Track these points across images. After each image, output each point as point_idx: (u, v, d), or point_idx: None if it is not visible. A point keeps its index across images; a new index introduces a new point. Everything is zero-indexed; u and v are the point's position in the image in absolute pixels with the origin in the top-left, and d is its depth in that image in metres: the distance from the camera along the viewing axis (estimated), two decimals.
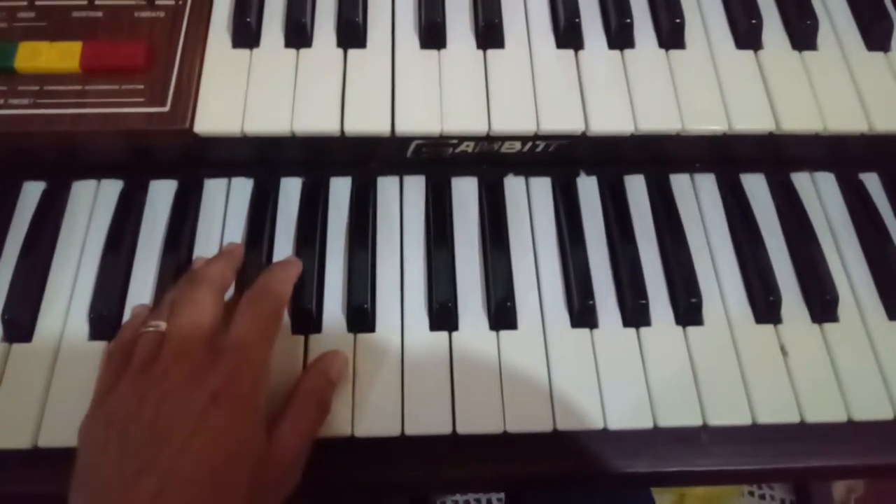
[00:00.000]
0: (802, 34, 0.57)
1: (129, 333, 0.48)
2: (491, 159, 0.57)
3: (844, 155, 0.59)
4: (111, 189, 0.57)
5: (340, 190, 0.57)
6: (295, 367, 0.49)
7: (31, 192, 0.56)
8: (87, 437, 0.42)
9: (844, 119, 0.54)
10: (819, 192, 0.59)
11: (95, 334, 0.51)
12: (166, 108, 0.50)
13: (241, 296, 0.47)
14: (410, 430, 0.47)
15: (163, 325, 0.45)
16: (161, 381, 0.41)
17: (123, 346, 0.47)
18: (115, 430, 0.40)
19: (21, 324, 0.50)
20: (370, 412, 0.48)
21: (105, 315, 0.51)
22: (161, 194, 0.57)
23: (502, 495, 1.29)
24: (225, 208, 0.56)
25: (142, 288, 0.53)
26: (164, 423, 0.40)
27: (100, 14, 0.54)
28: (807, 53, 0.57)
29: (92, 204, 0.56)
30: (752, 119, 0.53)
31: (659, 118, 0.53)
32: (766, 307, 0.52)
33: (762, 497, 1.32)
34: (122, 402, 0.42)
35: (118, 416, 0.41)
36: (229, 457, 0.40)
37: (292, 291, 0.50)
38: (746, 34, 0.57)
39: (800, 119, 0.54)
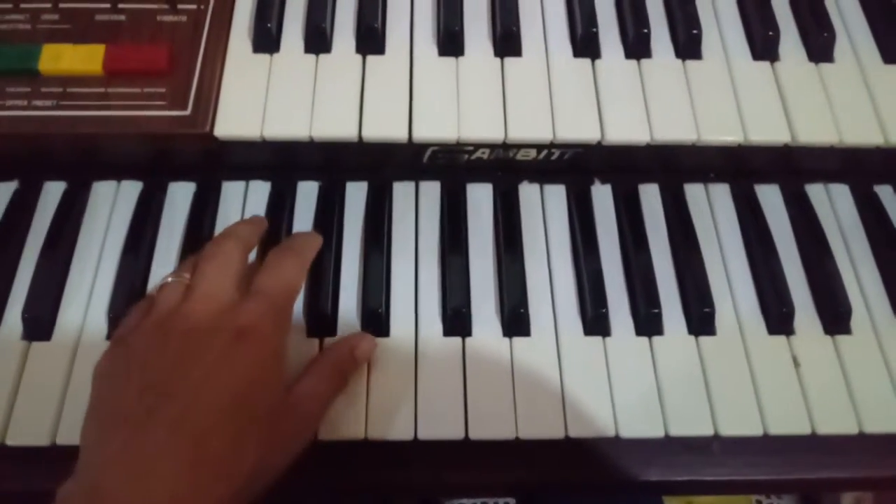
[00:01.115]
0: (819, 46, 0.57)
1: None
2: (506, 166, 0.57)
3: (859, 167, 0.59)
4: (131, 190, 0.57)
5: (356, 195, 0.58)
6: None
7: (52, 192, 0.57)
8: (106, 372, 0.43)
9: (860, 132, 0.54)
10: (833, 204, 0.59)
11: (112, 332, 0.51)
12: (187, 112, 0.51)
13: (264, 260, 0.48)
14: (423, 434, 0.48)
15: (187, 276, 0.46)
16: (186, 320, 0.42)
17: (145, 300, 0.48)
18: (137, 363, 0.41)
19: (41, 322, 0.51)
20: (383, 415, 0.48)
21: (123, 316, 0.51)
22: (179, 196, 0.57)
23: (512, 501, 1.29)
24: (242, 211, 0.57)
25: None
26: (188, 357, 0.40)
27: (123, 17, 0.54)
28: (823, 66, 0.57)
29: (112, 204, 0.57)
30: (767, 130, 0.54)
31: (675, 128, 0.53)
32: (778, 318, 0.52)
33: None
34: (145, 338, 0.42)
35: (140, 351, 0.42)
36: (250, 390, 0.41)
37: (308, 294, 0.52)
38: (763, 46, 0.57)
39: (815, 131, 0.54)
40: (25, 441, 0.48)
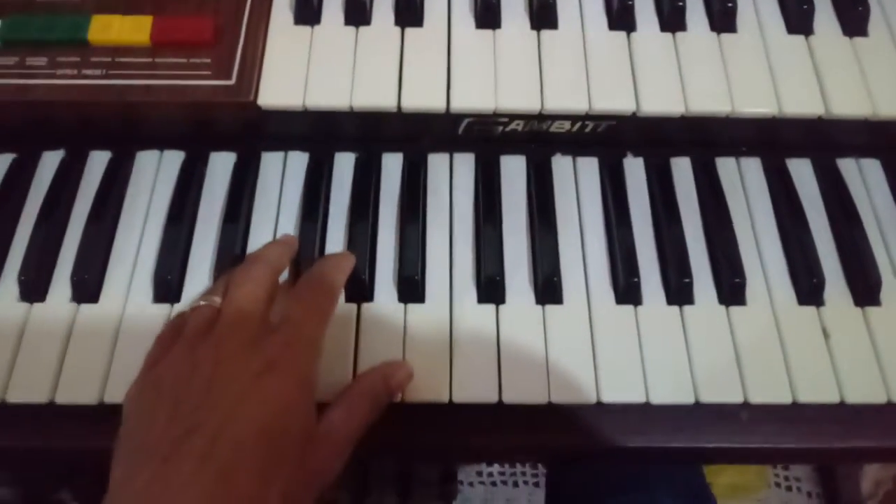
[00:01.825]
0: (854, 20, 0.57)
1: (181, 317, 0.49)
2: (539, 138, 0.58)
3: (891, 141, 0.59)
4: (173, 160, 0.59)
5: (392, 166, 0.59)
6: (347, 334, 0.51)
7: (98, 161, 0.58)
8: (135, 401, 0.43)
9: (894, 104, 0.54)
10: (864, 179, 0.59)
11: (159, 297, 0.53)
12: (232, 82, 0.52)
13: (295, 282, 0.49)
14: (458, 398, 0.49)
15: (217, 299, 0.46)
16: (215, 349, 0.42)
17: (176, 320, 0.48)
18: (166, 393, 0.41)
19: (89, 285, 0.53)
20: (419, 379, 0.49)
21: (168, 279, 0.53)
22: (220, 166, 0.58)
23: (531, 479, 1.30)
24: (281, 181, 0.58)
25: (202, 255, 0.55)
26: (217, 388, 0.40)
27: None
28: (857, 39, 0.57)
29: (155, 173, 0.58)
30: (801, 103, 0.54)
31: (709, 100, 0.54)
32: (809, 289, 0.53)
33: (788, 489, 1.32)
34: (173, 367, 0.42)
35: (168, 380, 0.41)
36: (280, 423, 0.40)
37: None
38: (798, 19, 0.57)
39: (849, 104, 0.54)
40: (74, 399, 0.49)
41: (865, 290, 0.53)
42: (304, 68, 0.54)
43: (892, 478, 1.27)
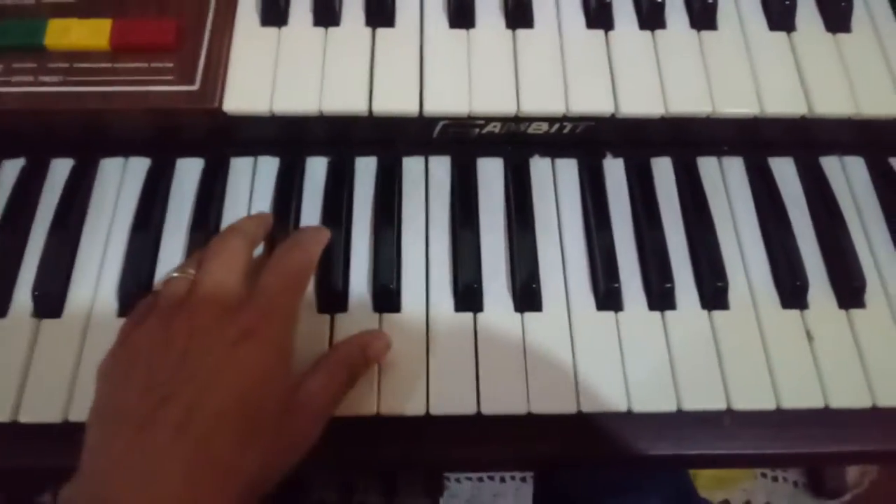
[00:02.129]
0: (836, 16, 0.56)
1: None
2: (517, 140, 0.57)
3: (876, 139, 0.58)
4: (139, 167, 0.57)
5: (366, 170, 0.57)
6: (321, 346, 0.49)
7: (60, 170, 0.56)
8: (109, 372, 0.42)
9: (877, 103, 0.53)
10: (848, 177, 0.58)
11: (124, 310, 0.51)
12: (195, 87, 0.50)
13: (270, 255, 0.48)
14: (435, 410, 0.48)
15: (191, 272, 0.45)
16: (189, 319, 0.41)
17: (149, 298, 0.47)
18: (141, 363, 0.40)
19: (51, 299, 0.51)
20: (395, 391, 0.48)
21: (134, 291, 0.51)
22: (188, 172, 0.57)
23: (518, 474, 1.30)
24: (251, 187, 0.56)
25: (170, 265, 0.53)
26: (192, 357, 0.40)
27: None
28: (841, 36, 0.56)
29: (120, 181, 0.56)
30: (784, 102, 0.53)
31: (689, 100, 0.53)
32: (792, 292, 0.52)
33: (775, 479, 1.33)
34: (148, 337, 0.42)
35: (144, 350, 0.41)
36: (257, 391, 0.40)
37: (319, 270, 0.51)
38: (780, 15, 0.56)
39: (832, 102, 0.53)
40: (38, 418, 0.48)
41: (850, 292, 0.53)
42: (272, 72, 0.52)
43: (876, 468, 1.28)
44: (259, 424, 0.40)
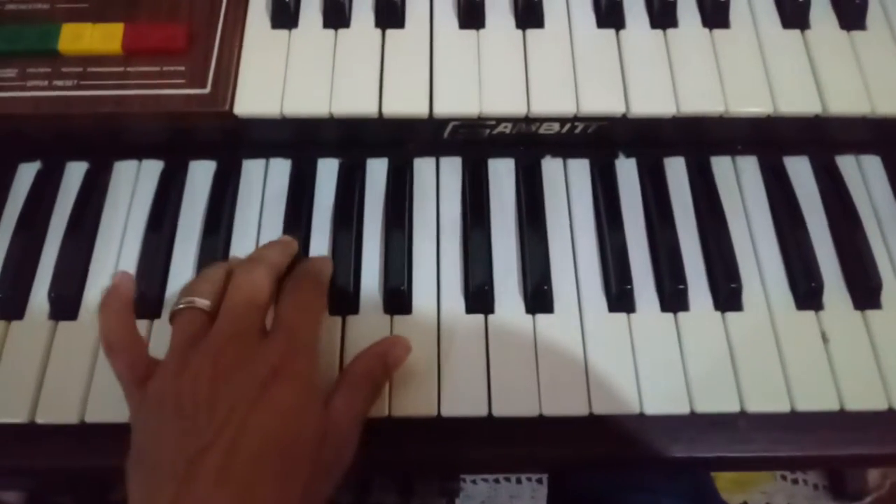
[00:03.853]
0: (851, 13, 0.55)
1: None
2: (528, 140, 0.57)
3: (892, 138, 0.57)
4: (152, 169, 0.57)
5: (377, 171, 0.57)
6: (332, 348, 0.50)
7: (75, 172, 0.57)
8: (141, 421, 0.42)
9: (893, 101, 0.52)
10: (864, 176, 0.57)
11: (138, 312, 0.51)
12: (207, 90, 0.51)
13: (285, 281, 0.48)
14: (447, 412, 0.48)
15: (203, 302, 0.45)
16: (215, 359, 0.41)
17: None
18: (171, 410, 0.40)
19: (67, 302, 0.52)
20: (407, 392, 0.48)
21: (148, 294, 0.52)
22: (201, 175, 0.57)
23: (534, 476, 1.30)
24: (263, 189, 0.56)
25: (183, 266, 0.53)
26: (223, 400, 0.39)
27: None
28: (855, 33, 0.55)
29: (133, 184, 0.57)
30: (797, 101, 0.52)
31: (702, 100, 0.52)
32: (807, 293, 0.52)
33: (795, 481, 1.32)
34: (172, 380, 0.41)
35: (170, 396, 0.40)
36: (292, 430, 0.40)
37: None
38: (793, 13, 0.55)
39: (847, 101, 0.52)
40: (55, 419, 0.48)
41: (866, 292, 0.52)
42: (282, 74, 0.52)
43: None
44: (297, 460, 0.40)
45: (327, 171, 0.57)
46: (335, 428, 0.43)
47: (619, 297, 0.51)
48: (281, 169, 0.57)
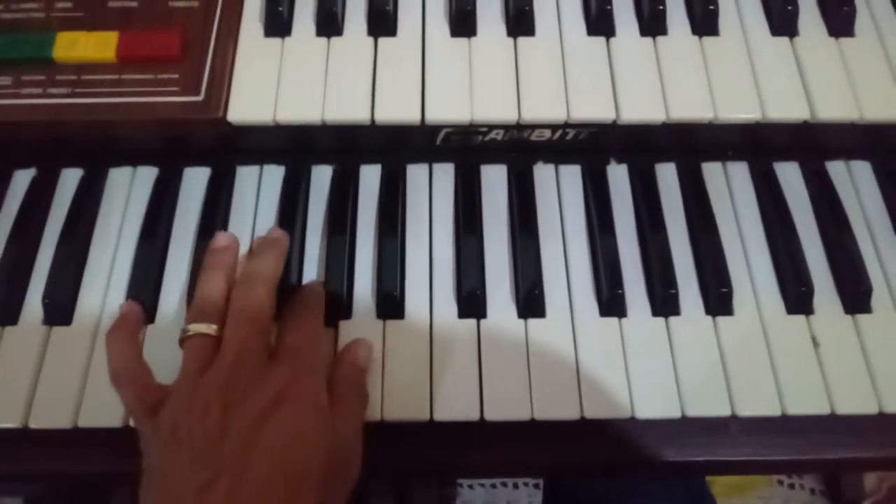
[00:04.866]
0: (840, 20, 0.56)
1: None
2: (520, 147, 0.57)
3: (881, 144, 0.58)
4: (146, 176, 0.58)
5: (370, 177, 0.58)
6: (326, 351, 0.50)
7: (70, 179, 0.57)
8: (153, 449, 0.42)
9: (882, 107, 0.53)
10: (854, 182, 0.58)
11: None
12: (200, 98, 0.51)
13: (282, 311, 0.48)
14: (439, 416, 0.48)
15: (210, 327, 0.45)
16: (224, 390, 0.42)
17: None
18: (181, 441, 0.41)
19: (61, 307, 0.52)
20: (399, 397, 0.48)
21: (142, 300, 0.52)
22: (195, 181, 0.57)
23: (531, 480, 1.30)
24: (257, 195, 0.57)
25: (177, 273, 0.54)
26: (232, 430, 0.40)
27: (135, 4, 0.54)
28: (844, 40, 0.56)
29: (128, 190, 0.57)
30: (786, 107, 0.53)
31: (691, 106, 0.52)
32: (797, 297, 0.52)
33: (791, 486, 1.32)
34: (183, 410, 0.42)
35: (182, 426, 0.41)
36: (299, 454, 0.41)
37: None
38: (782, 20, 0.56)
39: (836, 107, 0.53)
40: (48, 424, 0.48)
41: (856, 297, 0.52)
42: (275, 82, 0.53)
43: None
44: (306, 483, 0.40)
45: (321, 177, 0.58)
46: (342, 444, 0.43)
47: (611, 302, 0.51)
48: (274, 175, 0.58)
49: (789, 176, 0.58)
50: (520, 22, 0.55)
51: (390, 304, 0.51)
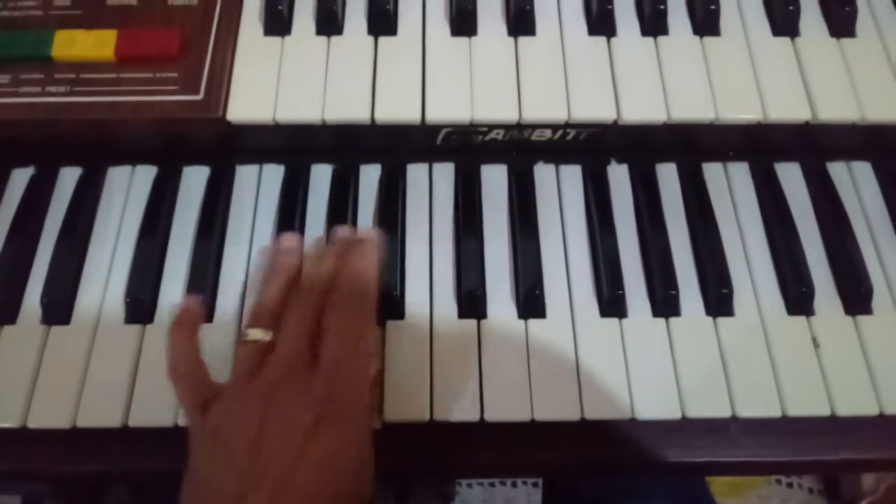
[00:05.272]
0: (841, 21, 0.56)
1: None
2: (521, 147, 0.57)
3: (882, 144, 0.58)
4: (145, 175, 0.57)
5: (370, 177, 0.57)
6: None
7: (68, 178, 0.57)
8: (198, 447, 0.43)
9: (883, 108, 0.53)
10: (855, 182, 0.58)
11: (131, 318, 0.52)
12: (199, 97, 0.51)
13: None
14: (439, 416, 0.48)
15: (260, 333, 0.45)
16: (265, 400, 0.42)
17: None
18: (221, 445, 0.41)
19: (60, 307, 0.52)
20: (399, 397, 0.48)
21: (140, 299, 0.52)
22: (194, 180, 0.57)
23: (530, 479, 1.30)
24: (256, 194, 0.57)
25: (176, 272, 0.54)
26: (267, 446, 0.40)
27: (134, 2, 0.54)
28: (845, 41, 0.56)
29: (127, 189, 0.57)
30: (787, 108, 0.53)
31: (692, 107, 0.53)
32: (798, 298, 0.52)
33: (790, 485, 1.32)
34: (227, 415, 0.42)
35: (224, 431, 0.41)
36: (337, 475, 0.40)
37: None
38: (783, 21, 0.56)
39: (837, 108, 0.53)
40: (46, 424, 0.48)
41: (856, 298, 0.52)
42: (275, 81, 0.52)
43: (894, 472, 1.26)
44: (344, 494, 0.40)
45: (320, 176, 0.57)
46: (369, 460, 0.43)
47: (611, 303, 0.51)
48: (274, 175, 0.57)
49: (790, 176, 0.58)
50: (520, 21, 0.55)
51: (390, 304, 0.51)
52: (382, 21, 0.55)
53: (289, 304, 0.46)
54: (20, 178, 0.57)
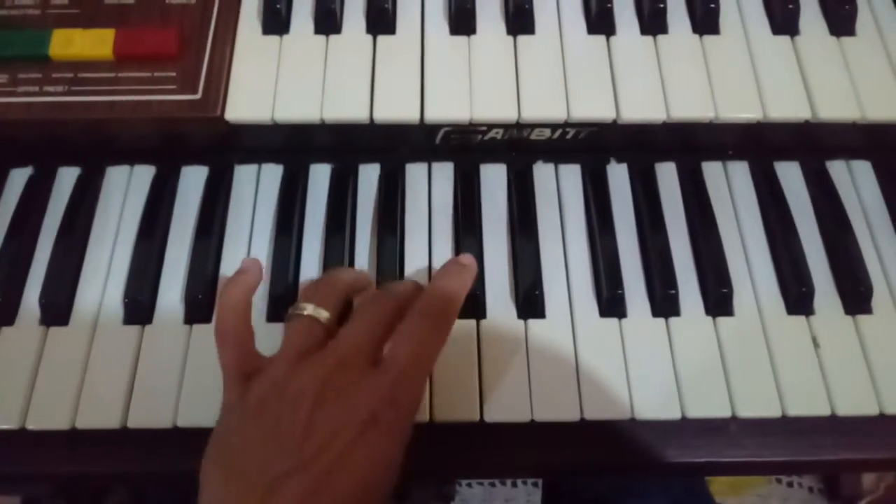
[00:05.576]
0: (841, 19, 0.56)
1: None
2: (520, 146, 0.57)
3: (882, 143, 0.57)
4: (144, 174, 0.57)
5: (369, 176, 0.57)
6: None
7: (66, 178, 0.57)
8: (236, 420, 0.41)
9: (883, 107, 0.53)
10: (855, 181, 0.57)
11: (129, 318, 0.51)
12: (198, 96, 0.51)
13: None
14: (439, 417, 0.48)
15: (326, 314, 0.44)
16: (323, 382, 0.40)
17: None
18: (268, 420, 0.40)
19: (58, 308, 0.51)
20: None
21: (139, 300, 0.51)
22: (192, 180, 0.57)
23: (530, 479, 1.29)
24: (255, 194, 0.56)
25: (174, 273, 0.53)
26: (320, 429, 0.39)
27: (132, 1, 0.54)
28: (845, 39, 0.55)
29: (125, 189, 0.57)
30: (787, 107, 0.53)
31: (692, 106, 0.52)
32: (798, 298, 0.52)
33: (790, 484, 1.32)
34: (275, 390, 0.41)
35: (271, 406, 0.40)
36: (378, 480, 0.40)
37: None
38: (783, 19, 0.56)
39: (837, 107, 0.53)
40: (45, 425, 0.48)
41: (856, 297, 0.52)
42: (273, 80, 0.52)
43: (894, 472, 1.26)
44: (378, 497, 0.40)
45: (319, 176, 0.57)
46: (399, 471, 0.43)
47: (611, 303, 0.51)
48: (273, 174, 0.57)
49: (790, 176, 0.58)
50: (520, 20, 0.55)
51: None
52: (381, 20, 0.55)
53: (373, 296, 0.46)
54: (18, 178, 0.57)
